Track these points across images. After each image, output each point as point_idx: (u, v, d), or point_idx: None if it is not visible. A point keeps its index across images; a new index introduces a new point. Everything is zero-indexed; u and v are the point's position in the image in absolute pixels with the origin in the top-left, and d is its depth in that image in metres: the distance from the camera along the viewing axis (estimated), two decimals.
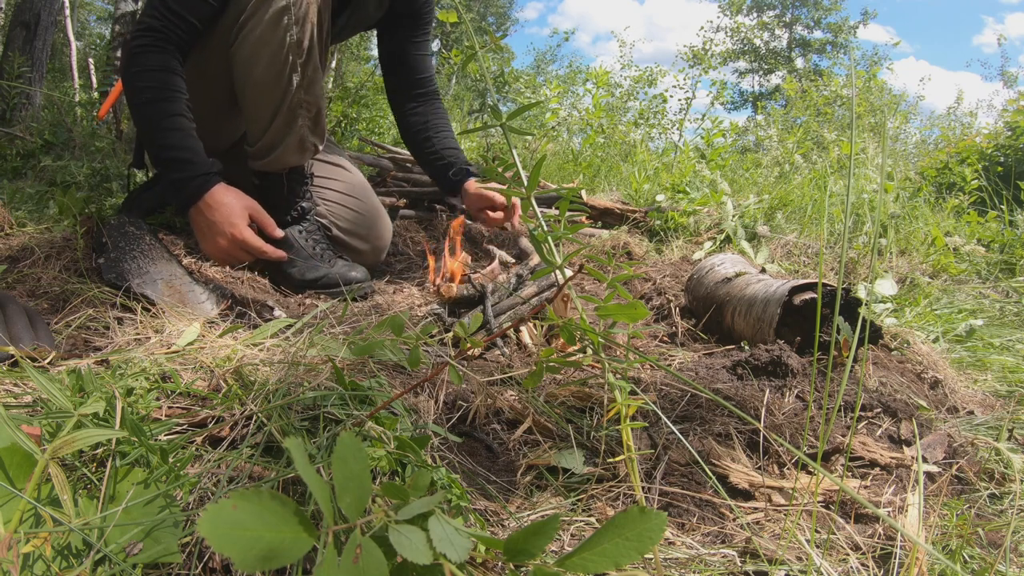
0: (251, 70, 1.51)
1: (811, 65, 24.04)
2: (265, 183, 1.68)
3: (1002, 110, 6.09)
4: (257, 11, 1.47)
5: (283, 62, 1.49)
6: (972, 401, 1.28)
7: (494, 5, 26.04)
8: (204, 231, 1.50)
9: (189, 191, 1.46)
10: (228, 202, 1.48)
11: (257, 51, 1.49)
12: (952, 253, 2.49)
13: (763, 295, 1.40)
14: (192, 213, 1.49)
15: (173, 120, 1.45)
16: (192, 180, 1.46)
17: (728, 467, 0.87)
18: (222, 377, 0.89)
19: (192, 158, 1.46)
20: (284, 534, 0.38)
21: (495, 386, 1.04)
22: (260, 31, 1.47)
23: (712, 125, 4.70)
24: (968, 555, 0.77)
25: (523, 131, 0.84)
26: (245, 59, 1.51)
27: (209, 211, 1.46)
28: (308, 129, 1.61)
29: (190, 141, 1.46)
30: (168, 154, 1.45)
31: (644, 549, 0.44)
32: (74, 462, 0.65)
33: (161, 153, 1.46)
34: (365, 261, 1.87)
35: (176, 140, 1.45)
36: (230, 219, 1.47)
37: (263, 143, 1.61)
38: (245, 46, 1.49)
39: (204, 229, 1.49)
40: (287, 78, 1.51)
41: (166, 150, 1.45)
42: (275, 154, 1.61)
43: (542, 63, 21.95)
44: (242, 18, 1.48)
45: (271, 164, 1.64)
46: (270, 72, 1.50)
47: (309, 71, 1.54)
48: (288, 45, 1.48)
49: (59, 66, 8.35)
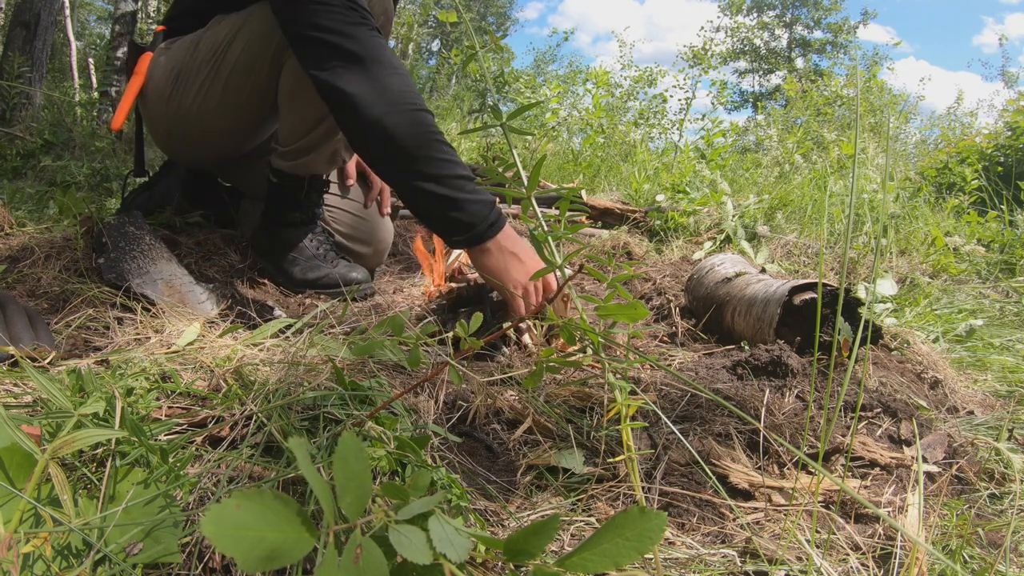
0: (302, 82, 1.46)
1: (811, 65, 24.04)
2: (283, 183, 1.65)
3: (1002, 110, 6.09)
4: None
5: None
6: (972, 401, 1.28)
7: (494, 5, 26.05)
8: (504, 270, 1.27)
9: (489, 227, 1.26)
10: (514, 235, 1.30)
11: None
12: (952, 253, 2.49)
13: (763, 295, 1.40)
14: (491, 248, 1.27)
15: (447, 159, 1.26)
16: (489, 218, 1.26)
17: (728, 467, 0.87)
18: (222, 377, 0.89)
19: (479, 207, 1.25)
20: (287, 534, 0.38)
21: (495, 386, 1.04)
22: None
23: (712, 125, 4.70)
24: (968, 555, 0.77)
25: (523, 131, 0.84)
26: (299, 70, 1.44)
27: (508, 242, 1.28)
28: (344, 144, 1.60)
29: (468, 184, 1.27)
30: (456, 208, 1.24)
31: (644, 549, 0.44)
32: (74, 462, 0.65)
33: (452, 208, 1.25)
34: (367, 264, 1.87)
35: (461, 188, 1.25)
36: (527, 251, 1.29)
37: (298, 146, 1.57)
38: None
39: (504, 266, 1.27)
40: None
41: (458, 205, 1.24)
42: (306, 159, 1.59)
43: (542, 63, 21.95)
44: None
45: (298, 168, 1.61)
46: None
47: None
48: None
49: (59, 66, 8.36)
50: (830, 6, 25.55)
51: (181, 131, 1.67)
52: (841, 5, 25.30)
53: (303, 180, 1.64)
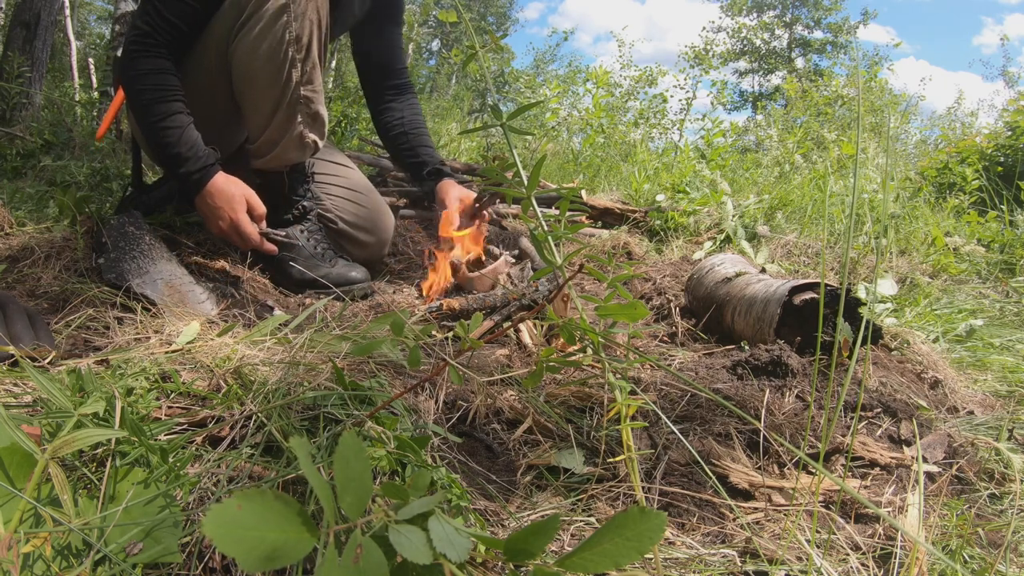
0: (250, 66, 1.52)
1: (811, 65, 24.01)
2: (267, 182, 1.69)
3: (1002, 110, 6.09)
4: (258, 10, 1.47)
5: (282, 57, 1.50)
6: (972, 401, 1.28)
7: (494, 5, 26.03)
8: (208, 216, 1.59)
9: (192, 182, 1.54)
10: (227, 190, 1.57)
11: (256, 47, 1.50)
12: (952, 253, 2.49)
13: (763, 295, 1.40)
14: (197, 202, 1.58)
15: (171, 119, 1.50)
16: (193, 173, 1.53)
17: (728, 467, 0.87)
18: (222, 377, 0.89)
19: (191, 152, 1.52)
20: (287, 534, 0.38)
21: (495, 386, 1.04)
22: (260, 27, 1.48)
23: (712, 125, 4.70)
24: (968, 555, 0.77)
25: (523, 131, 0.84)
26: (244, 55, 1.51)
27: (211, 198, 1.55)
28: (307, 125, 1.62)
29: (189, 136, 1.52)
30: (170, 151, 1.51)
31: (644, 549, 0.44)
32: (74, 462, 0.65)
33: (164, 151, 1.52)
34: (370, 254, 1.89)
35: (175, 137, 1.50)
36: (230, 204, 1.57)
37: (263, 140, 1.61)
38: (245, 42, 1.50)
39: (208, 214, 1.59)
40: (286, 74, 1.52)
41: (167, 147, 1.51)
42: (275, 151, 1.62)
43: (542, 63, 21.93)
44: (242, 17, 1.49)
45: (272, 162, 1.64)
46: (269, 67, 1.51)
47: (308, 67, 1.55)
48: (288, 40, 1.49)
49: (59, 66, 8.35)
50: (830, 6, 25.53)
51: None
52: (841, 5, 25.28)
53: (282, 174, 1.68)
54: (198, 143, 1.53)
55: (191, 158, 1.52)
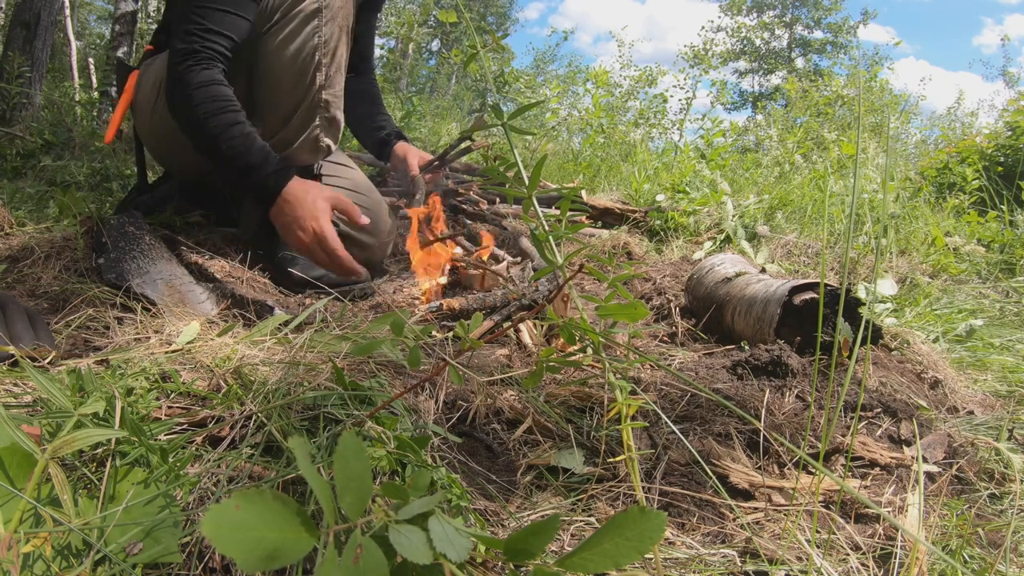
0: (276, 66, 1.51)
1: (811, 65, 24.02)
2: None
3: (1002, 110, 6.09)
4: (291, 11, 1.48)
5: (309, 60, 1.50)
6: (972, 401, 1.28)
7: (494, 5, 26.02)
8: (288, 227, 1.46)
9: (267, 191, 1.44)
10: (308, 195, 1.44)
11: (284, 47, 1.50)
12: (952, 253, 2.49)
13: (763, 295, 1.40)
14: (273, 213, 1.46)
15: (234, 128, 1.43)
16: (266, 180, 1.43)
17: (728, 467, 0.87)
18: (222, 377, 0.89)
19: (261, 160, 1.44)
20: (287, 534, 0.38)
21: (495, 386, 1.04)
22: (291, 28, 1.48)
23: (712, 125, 4.70)
24: (968, 555, 0.77)
25: (524, 131, 0.84)
26: (271, 55, 1.51)
27: (289, 207, 1.44)
28: (323, 129, 1.62)
29: (254, 143, 1.44)
30: (239, 162, 1.43)
31: (644, 549, 0.44)
32: (74, 462, 0.65)
33: (232, 163, 1.44)
34: (372, 255, 1.89)
35: (241, 145, 1.42)
36: (312, 212, 1.44)
37: (277, 140, 1.60)
38: (273, 43, 1.50)
39: (287, 225, 1.46)
40: (311, 76, 1.52)
41: (235, 159, 1.43)
42: (288, 152, 1.61)
43: (542, 63, 21.93)
44: (274, 18, 1.49)
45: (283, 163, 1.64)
46: (295, 69, 1.51)
47: (332, 71, 1.55)
48: (317, 44, 1.49)
49: (59, 66, 8.34)
50: (830, 6, 25.53)
51: (166, 143, 1.71)
52: (841, 5, 25.28)
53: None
54: (267, 149, 1.45)
55: (260, 164, 1.43)
